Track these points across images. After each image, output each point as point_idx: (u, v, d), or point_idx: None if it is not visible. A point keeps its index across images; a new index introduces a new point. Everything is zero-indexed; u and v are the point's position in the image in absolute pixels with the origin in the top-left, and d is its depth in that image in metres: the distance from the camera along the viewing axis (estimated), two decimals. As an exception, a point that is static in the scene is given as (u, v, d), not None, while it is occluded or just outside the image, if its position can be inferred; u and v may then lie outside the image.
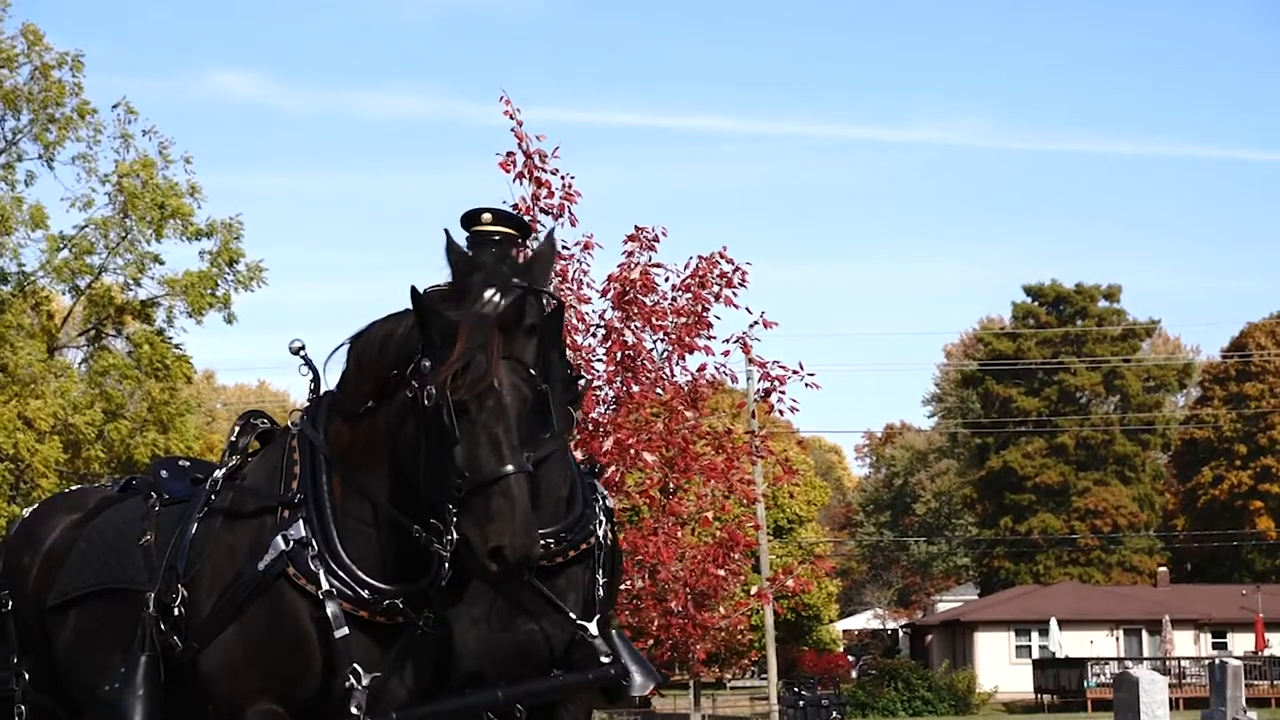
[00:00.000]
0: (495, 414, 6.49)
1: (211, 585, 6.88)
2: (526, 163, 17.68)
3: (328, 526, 6.79)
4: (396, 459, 6.68)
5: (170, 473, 7.68)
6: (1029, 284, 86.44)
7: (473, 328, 6.57)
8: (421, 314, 6.64)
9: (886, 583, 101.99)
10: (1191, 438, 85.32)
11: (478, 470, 6.39)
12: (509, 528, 6.29)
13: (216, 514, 7.08)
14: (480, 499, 6.35)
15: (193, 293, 33.63)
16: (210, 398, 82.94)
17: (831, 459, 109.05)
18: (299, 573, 6.72)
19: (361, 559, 6.75)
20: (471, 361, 6.51)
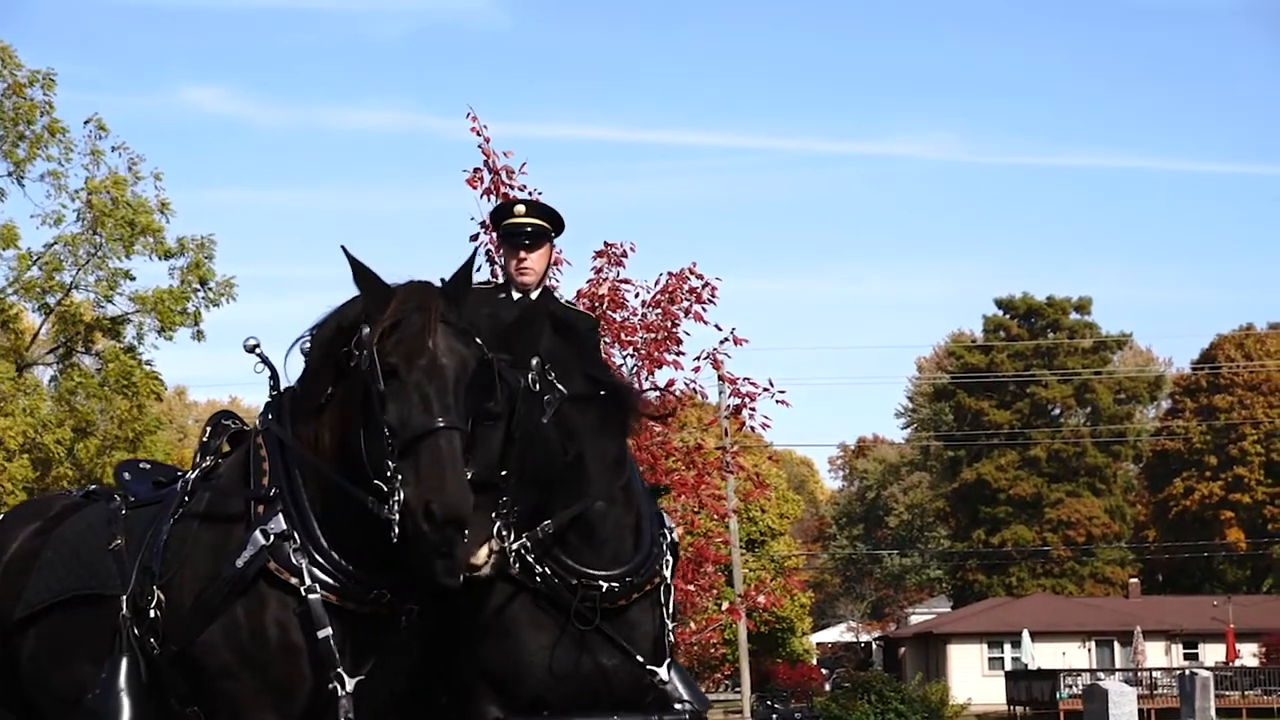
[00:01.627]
0: (427, 373, 6.34)
1: (191, 586, 6.74)
2: (493, 179, 17.67)
3: (307, 518, 6.65)
4: (351, 437, 6.50)
5: (133, 475, 7.58)
6: (1000, 297, 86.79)
7: (410, 289, 6.52)
8: (357, 278, 6.58)
9: (860, 595, 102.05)
10: (1162, 449, 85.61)
11: (407, 426, 6.26)
12: (437, 484, 6.13)
13: (192, 516, 6.93)
14: (412, 455, 6.21)
15: (163, 310, 33.53)
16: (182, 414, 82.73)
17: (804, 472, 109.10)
18: (281, 567, 6.59)
19: (343, 549, 6.60)
20: (403, 320, 6.41)
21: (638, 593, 7.26)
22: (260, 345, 6.99)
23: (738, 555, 45.87)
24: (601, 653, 7.19)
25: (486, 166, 17.69)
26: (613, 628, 7.18)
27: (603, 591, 7.12)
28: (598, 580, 7.12)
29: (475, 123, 17.68)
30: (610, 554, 7.20)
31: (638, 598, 7.27)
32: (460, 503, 6.13)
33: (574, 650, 7.14)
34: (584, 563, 7.13)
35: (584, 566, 7.13)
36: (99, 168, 33.39)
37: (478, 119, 17.67)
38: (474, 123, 17.69)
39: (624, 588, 7.20)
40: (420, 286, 6.58)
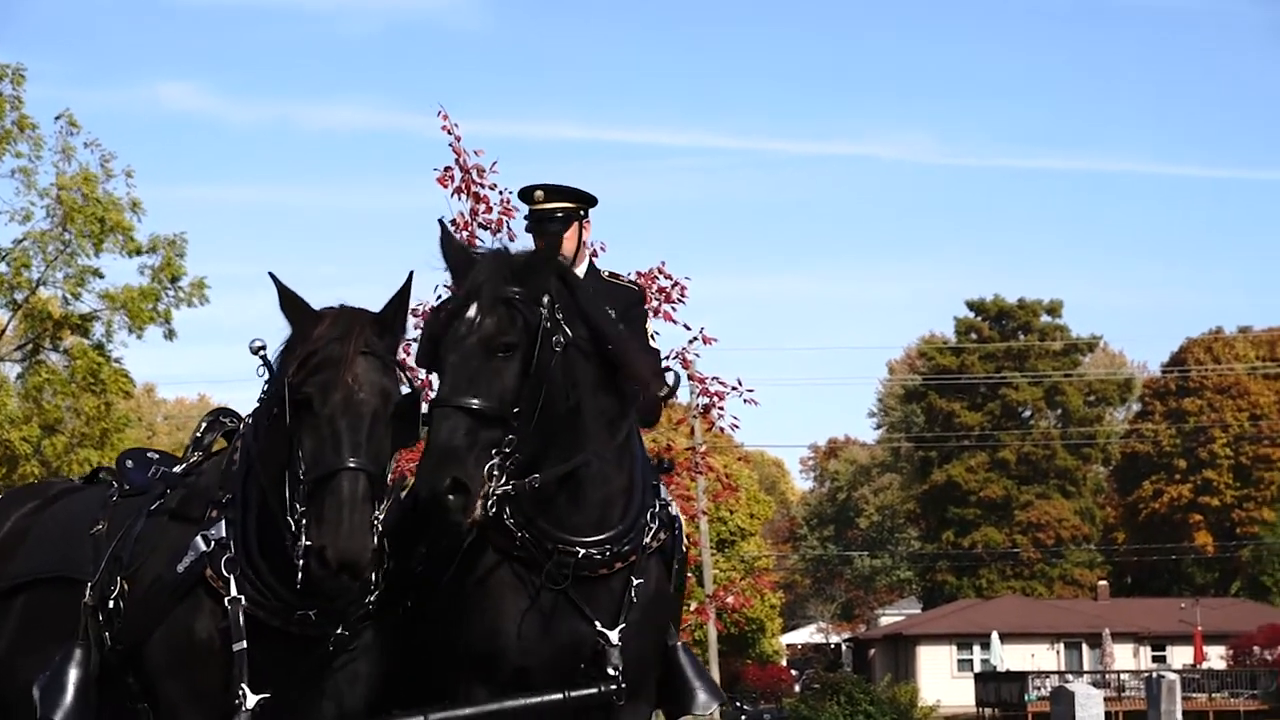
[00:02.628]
0: (341, 408, 6.19)
1: (147, 582, 6.72)
2: (464, 178, 17.64)
3: (249, 530, 6.55)
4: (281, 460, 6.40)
5: (136, 463, 7.43)
6: (972, 299, 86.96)
7: (335, 318, 6.36)
8: (282, 300, 6.44)
9: (830, 596, 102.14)
10: (1132, 452, 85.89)
11: (314, 465, 6.14)
12: (334, 528, 6.01)
13: (164, 511, 6.90)
14: (317, 496, 6.10)
15: (133, 308, 33.39)
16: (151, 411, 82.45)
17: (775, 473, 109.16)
18: (215, 575, 6.53)
19: (279, 568, 6.44)
20: (320, 351, 6.27)
21: (621, 562, 7.03)
22: (266, 348, 6.79)
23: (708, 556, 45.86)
24: (573, 621, 6.99)
25: (458, 165, 17.66)
26: (586, 596, 6.97)
27: (579, 557, 6.93)
28: (574, 545, 6.94)
29: (446, 121, 17.66)
30: (595, 518, 7.00)
31: (621, 568, 7.04)
32: (355, 549, 5.98)
33: (548, 618, 6.96)
34: (566, 525, 6.95)
35: (565, 530, 6.95)
36: (70, 164, 33.28)
37: (448, 117, 17.66)
38: (445, 121, 17.67)
39: (604, 556, 6.99)
40: (346, 314, 6.42)
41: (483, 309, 6.80)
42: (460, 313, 6.81)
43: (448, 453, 6.51)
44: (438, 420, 6.59)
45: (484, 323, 6.77)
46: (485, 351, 6.74)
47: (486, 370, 6.70)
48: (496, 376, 6.71)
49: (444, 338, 6.78)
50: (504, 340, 6.74)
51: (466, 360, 6.72)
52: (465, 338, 6.76)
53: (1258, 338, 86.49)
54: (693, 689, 7.45)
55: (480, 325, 6.76)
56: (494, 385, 6.68)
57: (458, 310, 6.82)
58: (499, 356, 6.73)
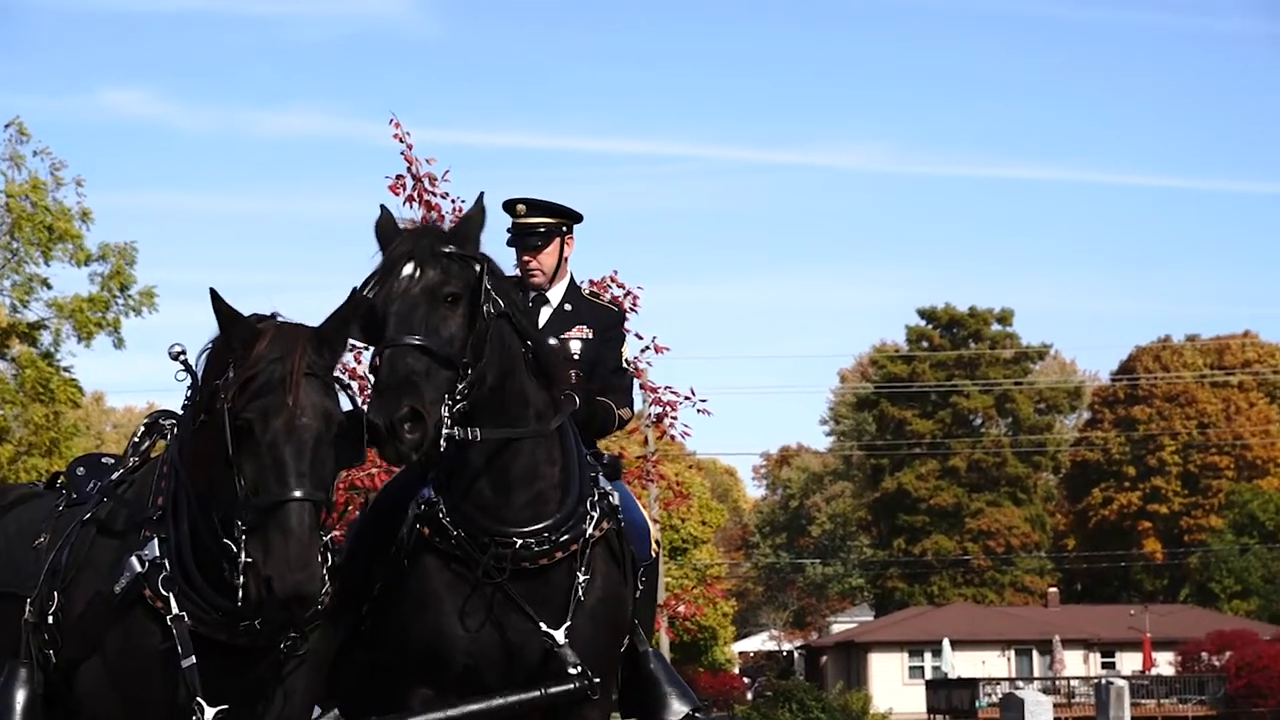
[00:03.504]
0: (284, 434, 6.06)
1: (82, 598, 6.59)
2: (416, 186, 17.64)
3: (184, 546, 6.44)
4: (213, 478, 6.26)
5: (88, 470, 7.24)
6: (923, 307, 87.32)
7: (274, 336, 6.21)
8: (219, 318, 6.30)
9: (782, 604, 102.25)
10: (1082, 460, 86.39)
11: (259, 494, 6.02)
12: (281, 560, 5.91)
13: (96, 522, 6.75)
14: (262, 526, 5.99)
15: (81, 316, 33.22)
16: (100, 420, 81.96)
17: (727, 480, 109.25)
18: (154, 595, 6.43)
19: (217, 580, 6.32)
20: (261, 373, 6.13)
21: (561, 552, 6.94)
22: (186, 352, 6.69)
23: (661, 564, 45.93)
24: (515, 618, 6.92)
25: (409, 173, 17.65)
26: (527, 589, 6.90)
27: (516, 548, 6.86)
28: (511, 536, 6.87)
29: (398, 129, 17.66)
30: (530, 509, 6.92)
31: (562, 558, 6.95)
32: (303, 582, 5.92)
33: (490, 616, 6.90)
34: (501, 517, 6.88)
35: (500, 522, 6.88)
36: (20, 172, 33.09)
37: (400, 125, 17.65)
38: (396, 129, 17.66)
39: (543, 546, 6.90)
40: (286, 331, 6.27)
41: (422, 263, 6.77)
42: (396, 270, 6.77)
43: (404, 382, 6.47)
44: (390, 357, 6.54)
45: (425, 274, 6.74)
46: (430, 299, 6.71)
47: (434, 316, 6.68)
48: (444, 322, 6.68)
49: (383, 296, 6.72)
50: (448, 290, 6.73)
51: (413, 307, 6.69)
52: (408, 289, 6.72)
53: (1205, 346, 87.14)
54: (665, 696, 7.39)
55: (422, 276, 6.74)
56: (442, 329, 6.66)
57: (392, 269, 6.78)
58: (445, 304, 6.71)
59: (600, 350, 7.72)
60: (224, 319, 6.29)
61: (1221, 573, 78.62)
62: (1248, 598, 77.48)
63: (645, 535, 7.54)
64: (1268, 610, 75.84)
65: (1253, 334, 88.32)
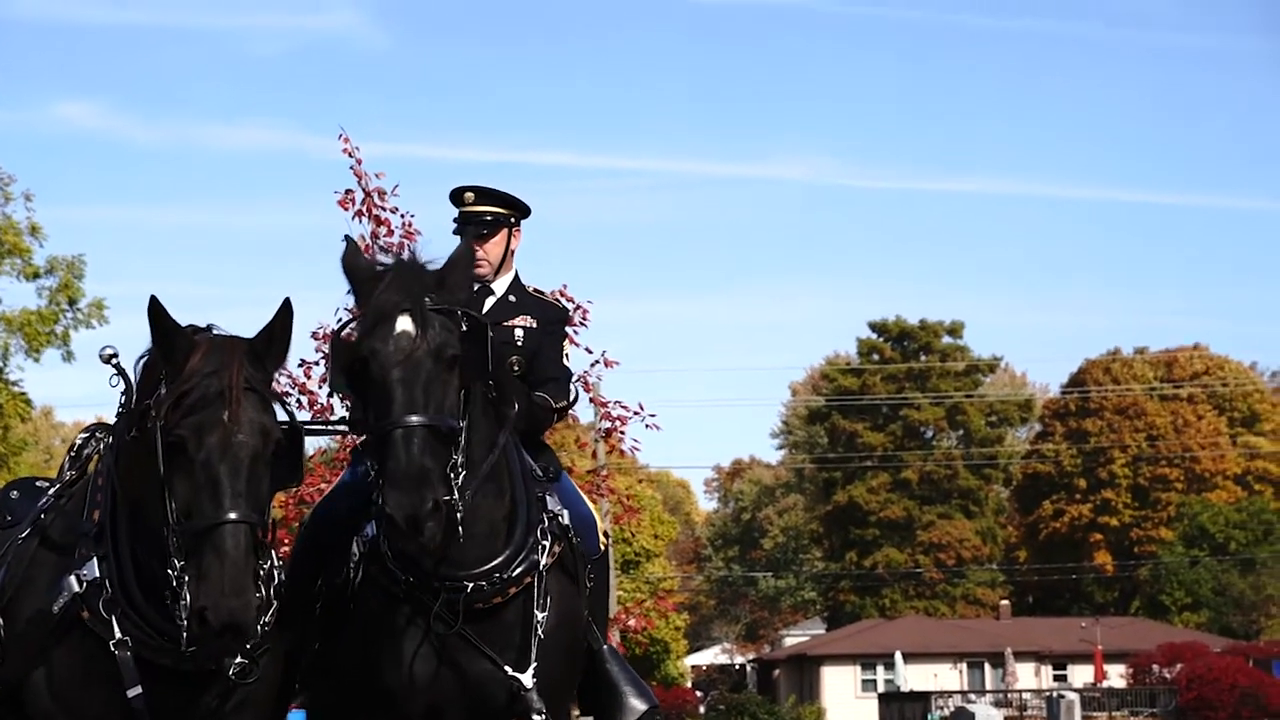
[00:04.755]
0: (219, 452, 5.77)
1: (22, 617, 6.37)
2: (366, 200, 17.55)
3: (125, 565, 6.18)
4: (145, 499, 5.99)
5: (22, 493, 7.04)
6: (874, 319, 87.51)
7: (208, 349, 5.95)
8: (156, 330, 6.01)
9: (734, 617, 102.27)
10: (1033, 472, 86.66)
11: (192, 516, 5.75)
12: (215, 587, 5.63)
13: (35, 538, 6.52)
14: (195, 551, 5.71)
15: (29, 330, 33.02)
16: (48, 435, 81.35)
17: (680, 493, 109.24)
18: (94, 619, 6.18)
19: (160, 601, 6.06)
20: (195, 388, 5.86)
21: (515, 587, 6.74)
22: (118, 356, 6.44)
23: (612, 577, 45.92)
24: (473, 659, 6.70)
25: (360, 188, 17.57)
26: (483, 629, 6.70)
27: (467, 592, 6.66)
28: (460, 581, 6.66)
29: (347, 144, 17.56)
30: (480, 550, 6.68)
31: (516, 592, 6.75)
32: (238, 609, 5.62)
33: (445, 658, 6.69)
34: (450, 560, 6.63)
35: (449, 565, 6.64)
36: (-32, 187, 32.89)
37: (349, 140, 17.55)
38: (346, 144, 17.56)
39: (494, 584, 6.70)
40: (221, 344, 6.00)
41: (422, 322, 6.50)
42: (389, 323, 6.50)
43: (422, 474, 6.23)
44: (401, 440, 6.27)
45: (427, 335, 6.48)
46: (434, 365, 6.47)
47: (437, 385, 6.44)
48: (446, 391, 6.46)
49: (378, 354, 6.44)
50: (450, 353, 6.50)
51: (415, 375, 6.42)
52: (411, 354, 6.45)
53: (1155, 359, 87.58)
54: (622, 695, 7.17)
55: (424, 338, 6.47)
56: (444, 401, 6.44)
57: (384, 320, 6.51)
58: (446, 369, 6.48)
59: (541, 340, 7.55)
60: (159, 330, 6.02)
61: (1172, 585, 79.01)
62: (1198, 610, 77.89)
63: (592, 528, 7.35)
64: (1218, 622, 76.27)
65: (1202, 347, 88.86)
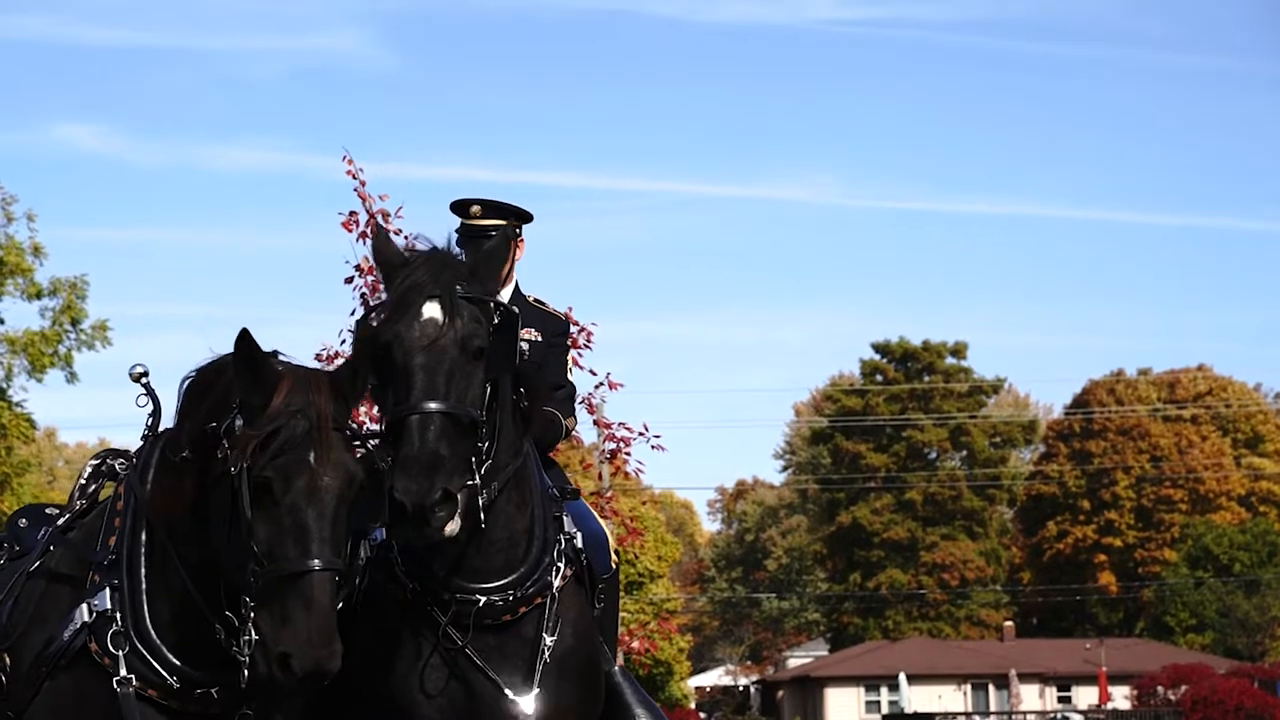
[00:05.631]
0: (307, 496, 5.59)
1: (31, 650, 6.16)
2: (369, 222, 17.55)
3: (139, 598, 5.99)
4: (205, 532, 5.78)
5: (31, 521, 6.79)
6: (877, 341, 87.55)
7: (295, 385, 5.72)
8: (240, 358, 5.72)
9: (738, 639, 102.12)
10: (1037, 493, 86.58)
11: (276, 561, 5.54)
12: (302, 635, 5.46)
13: (43, 573, 6.33)
14: (277, 595, 5.51)
15: (33, 351, 33.04)
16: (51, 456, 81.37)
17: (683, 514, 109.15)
18: (101, 651, 5.97)
19: (174, 639, 5.94)
20: (283, 428, 5.64)
21: (525, 606, 6.58)
22: (148, 374, 6.24)
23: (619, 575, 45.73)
24: (476, 677, 6.54)
25: (363, 209, 17.57)
26: (489, 646, 6.53)
27: (479, 605, 6.51)
28: (474, 593, 6.50)
29: (351, 166, 17.56)
30: (499, 561, 6.52)
31: (525, 612, 6.59)
32: (325, 659, 5.46)
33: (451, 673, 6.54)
34: (465, 570, 6.48)
35: (463, 576, 6.48)
36: (-31, 208, 32.94)
37: (353, 162, 17.56)
38: (349, 165, 17.57)
39: (507, 602, 6.54)
40: (306, 379, 5.78)
41: (449, 309, 6.38)
42: (415, 308, 6.38)
43: (434, 460, 6.08)
44: (416, 425, 6.14)
45: (454, 324, 6.36)
46: (460, 354, 6.32)
47: (460, 374, 6.29)
48: (468, 382, 6.33)
49: (402, 338, 6.31)
50: (477, 344, 6.37)
51: (439, 363, 6.28)
52: (435, 339, 6.32)
53: (1158, 379, 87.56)
54: (634, 718, 7.04)
55: (450, 327, 6.35)
56: (467, 391, 6.30)
57: (410, 305, 6.38)
58: (471, 360, 6.35)
59: (546, 354, 7.46)
60: (247, 363, 5.74)
61: (1176, 606, 78.87)
62: (1202, 631, 77.74)
63: (604, 546, 7.19)
64: (1223, 644, 76.12)
65: (1206, 367, 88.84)
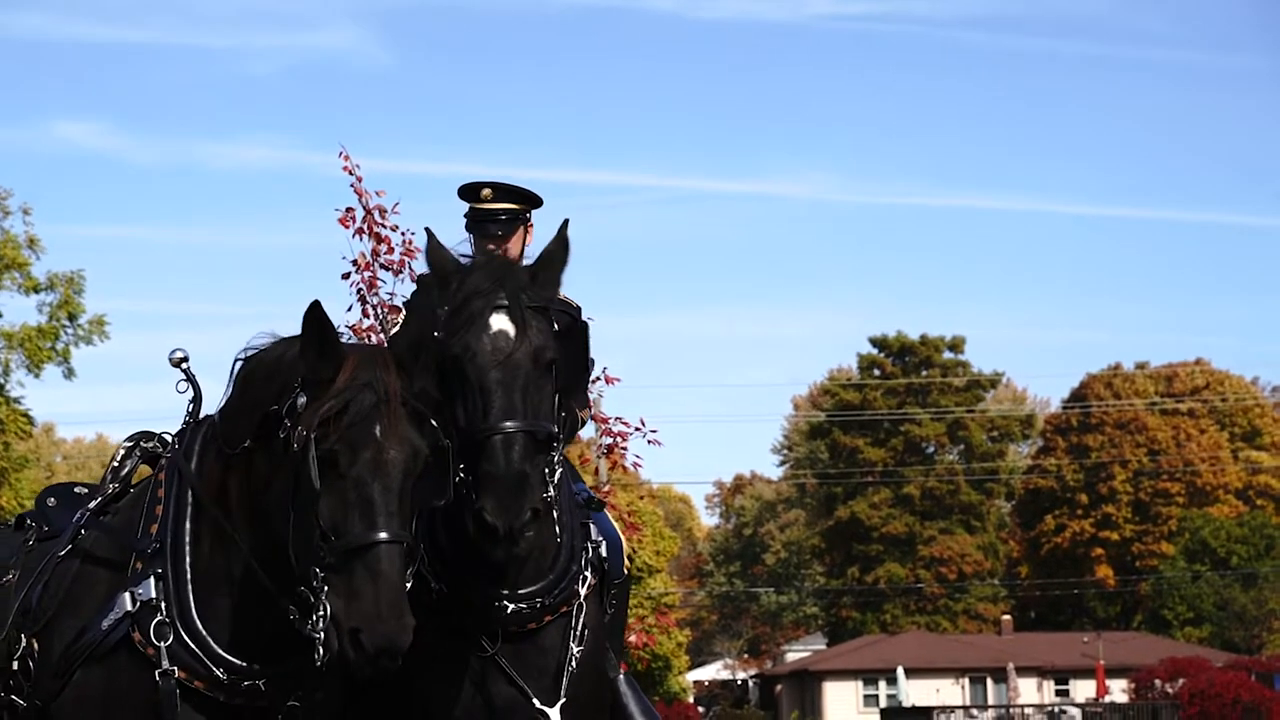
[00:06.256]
0: (372, 469, 5.49)
1: (63, 637, 6.00)
2: (366, 218, 17.57)
3: (183, 587, 5.87)
4: (268, 514, 5.68)
5: (59, 500, 6.62)
6: (875, 335, 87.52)
7: (361, 360, 5.62)
8: (313, 338, 5.62)
9: (736, 633, 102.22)
10: (1034, 487, 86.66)
11: (343, 535, 5.43)
12: (372, 610, 5.34)
13: (77, 555, 6.17)
14: (344, 570, 5.40)
15: (30, 346, 33.06)
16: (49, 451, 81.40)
17: (681, 509, 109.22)
18: (144, 641, 5.82)
19: (221, 629, 5.84)
20: (351, 402, 5.55)
21: (551, 615, 6.48)
22: (188, 359, 6.15)
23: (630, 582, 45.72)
24: (501, 685, 6.44)
25: (360, 205, 17.58)
26: (515, 653, 6.43)
27: (508, 613, 6.40)
28: (504, 601, 6.38)
29: (347, 162, 17.57)
30: (530, 568, 6.39)
31: (551, 620, 6.49)
32: (396, 633, 5.32)
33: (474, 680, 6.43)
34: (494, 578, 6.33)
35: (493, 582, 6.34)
36: (-36, 202, 32.95)
37: (349, 158, 17.56)
38: (346, 161, 17.58)
39: (534, 609, 6.43)
40: (372, 355, 5.70)
41: (517, 320, 6.25)
42: (483, 320, 6.25)
43: (521, 481, 5.96)
44: (501, 446, 6.00)
45: (526, 336, 6.22)
46: (533, 368, 6.20)
47: (534, 389, 6.18)
48: (541, 395, 6.20)
49: (474, 354, 6.19)
50: (549, 356, 6.24)
51: (514, 378, 6.16)
52: (509, 354, 6.20)
53: (1156, 373, 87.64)
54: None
55: (523, 339, 6.21)
56: (541, 405, 6.19)
57: (478, 317, 6.25)
58: (544, 373, 6.22)
59: None
60: (318, 338, 5.64)
61: (1174, 599, 78.95)
62: (1200, 624, 77.82)
63: (619, 550, 7.05)
64: (1220, 637, 76.20)
65: (1203, 361, 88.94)
